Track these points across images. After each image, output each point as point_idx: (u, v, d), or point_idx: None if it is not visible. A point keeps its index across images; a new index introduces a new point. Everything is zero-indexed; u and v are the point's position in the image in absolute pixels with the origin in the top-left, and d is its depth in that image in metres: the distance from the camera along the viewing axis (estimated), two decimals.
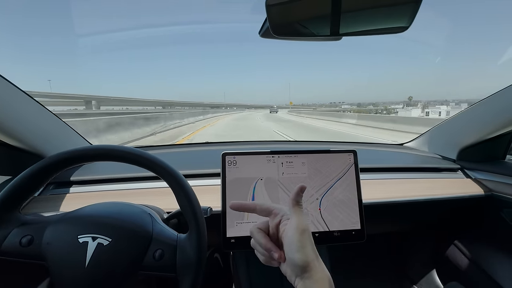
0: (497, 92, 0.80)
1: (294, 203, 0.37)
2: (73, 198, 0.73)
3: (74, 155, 0.45)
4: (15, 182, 0.44)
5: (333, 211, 0.62)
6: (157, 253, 0.43)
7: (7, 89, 0.67)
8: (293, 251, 0.34)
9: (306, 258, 0.34)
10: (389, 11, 0.51)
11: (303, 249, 0.34)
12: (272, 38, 0.55)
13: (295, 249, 0.34)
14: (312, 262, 0.34)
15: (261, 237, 0.38)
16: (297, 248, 0.34)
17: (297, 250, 0.34)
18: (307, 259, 0.34)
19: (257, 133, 9.95)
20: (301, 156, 0.63)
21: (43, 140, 0.79)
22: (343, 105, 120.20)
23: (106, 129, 6.03)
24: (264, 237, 0.38)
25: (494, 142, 0.89)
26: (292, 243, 0.34)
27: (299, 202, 0.37)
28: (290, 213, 0.37)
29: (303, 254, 0.34)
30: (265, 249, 0.37)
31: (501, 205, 0.83)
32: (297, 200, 0.37)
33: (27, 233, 0.43)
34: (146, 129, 8.14)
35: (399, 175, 0.91)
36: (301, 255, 0.34)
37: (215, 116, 23.68)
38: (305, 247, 0.34)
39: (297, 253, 0.34)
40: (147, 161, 0.45)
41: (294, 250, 0.34)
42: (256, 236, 0.38)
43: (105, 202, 0.52)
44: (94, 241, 0.42)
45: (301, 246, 0.34)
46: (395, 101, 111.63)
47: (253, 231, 0.39)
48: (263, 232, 0.38)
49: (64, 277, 0.42)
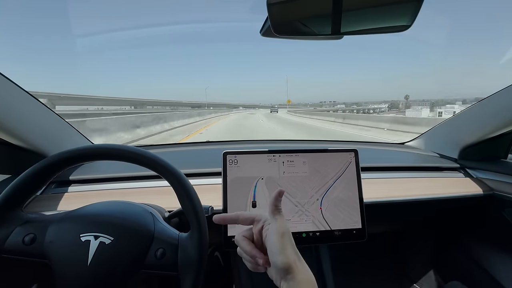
0: (499, 91, 0.80)
1: (273, 208, 0.38)
2: (75, 197, 0.73)
3: (76, 154, 0.45)
4: (17, 181, 0.44)
5: (334, 210, 0.62)
6: (158, 252, 0.44)
7: (9, 88, 0.67)
8: (275, 254, 0.35)
9: (287, 260, 0.35)
10: (390, 9, 0.51)
11: (284, 251, 0.35)
12: (273, 37, 0.55)
13: (276, 252, 0.35)
14: (293, 263, 0.35)
15: (246, 244, 0.39)
16: (279, 251, 0.35)
17: (279, 253, 0.35)
18: (288, 261, 0.35)
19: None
20: (302, 155, 0.63)
21: (45, 139, 0.80)
22: (337, 104, 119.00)
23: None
24: (249, 244, 0.39)
25: (496, 141, 0.89)
26: (274, 246, 0.36)
27: (277, 206, 0.39)
28: (270, 218, 0.38)
29: (284, 256, 0.35)
30: (250, 256, 0.38)
31: (502, 205, 0.82)
32: (276, 204, 0.39)
33: (30, 231, 0.44)
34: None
35: (400, 174, 0.91)
36: (282, 258, 0.35)
37: (203, 119, 17.52)
38: (286, 249, 0.35)
39: (279, 256, 0.35)
40: (148, 160, 0.46)
41: (275, 253, 0.35)
42: (241, 244, 0.39)
43: (107, 201, 0.52)
44: (96, 239, 0.43)
45: (282, 248, 0.35)
46: (381, 100, 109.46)
47: (238, 240, 0.40)
48: (247, 240, 0.39)
49: (66, 275, 0.42)
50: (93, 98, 43.73)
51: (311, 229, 0.61)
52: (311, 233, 0.60)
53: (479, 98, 0.92)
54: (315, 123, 15.81)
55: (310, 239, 0.60)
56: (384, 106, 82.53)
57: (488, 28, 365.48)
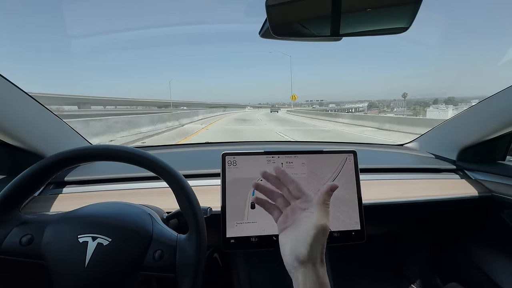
0: (497, 93, 0.80)
1: (321, 201, 0.37)
2: (73, 197, 0.73)
3: (74, 154, 0.45)
4: (15, 181, 0.44)
5: (333, 212, 0.62)
6: (157, 254, 0.43)
7: (7, 88, 0.67)
8: (303, 244, 0.34)
9: (312, 254, 0.33)
10: (389, 11, 0.51)
11: (312, 247, 0.33)
12: (272, 38, 0.55)
13: (305, 244, 0.34)
14: (316, 260, 0.33)
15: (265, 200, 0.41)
16: (309, 243, 0.33)
17: (307, 245, 0.33)
18: (312, 256, 0.33)
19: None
20: (301, 157, 0.63)
21: (42, 139, 0.79)
22: (327, 104, 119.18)
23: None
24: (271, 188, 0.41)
25: (494, 143, 0.89)
26: (306, 236, 0.34)
27: (326, 200, 0.37)
28: (314, 208, 0.37)
29: (310, 250, 0.33)
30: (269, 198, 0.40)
31: (501, 206, 0.82)
32: (325, 198, 0.37)
33: (27, 232, 0.43)
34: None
35: (399, 175, 0.91)
36: (307, 251, 0.33)
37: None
38: (315, 246, 0.34)
39: (305, 248, 0.33)
40: (147, 161, 0.45)
41: (303, 243, 0.34)
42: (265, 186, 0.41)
43: (105, 202, 0.52)
44: (94, 241, 0.42)
45: (312, 243, 0.34)
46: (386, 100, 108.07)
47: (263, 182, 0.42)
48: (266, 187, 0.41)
49: (63, 276, 0.42)
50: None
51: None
52: None
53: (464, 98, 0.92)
54: (304, 120, 17.48)
55: None
56: (363, 106, 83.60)
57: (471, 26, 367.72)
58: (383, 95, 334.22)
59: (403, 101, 57.36)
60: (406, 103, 57.54)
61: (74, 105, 38.92)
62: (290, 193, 0.40)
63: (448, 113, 21.22)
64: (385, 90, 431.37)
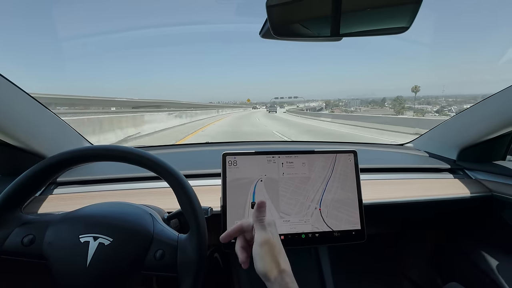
0: (497, 92, 0.80)
1: (254, 220, 0.41)
2: (74, 198, 0.73)
3: (75, 155, 0.45)
4: (17, 182, 0.44)
5: (333, 211, 0.62)
6: (158, 253, 0.44)
7: (8, 89, 0.67)
8: (255, 261, 0.39)
9: (264, 268, 0.37)
10: (389, 11, 0.51)
11: (261, 261, 0.38)
12: (272, 38, 0.55)
13: (256, 260, 0.38)
14: (270, 272, 0.37)
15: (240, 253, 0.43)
16: (258, 259, 0.38)
17: (258, 260, 0.38)
18: (264, 269, 0.37)
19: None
20: (301, 157, 0.63)
21: (43, 139, 0.79)
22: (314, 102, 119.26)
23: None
24: (242, 253, 0.43)
25: (495, 142, 0.89)
26: (254, 253, 0.39)
27: (258, 217, 0.41)
28: (255, 229, 0.41)
29: (261, 265, 0.38)
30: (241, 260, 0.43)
31: (501, 206, 0.83)
32: (257, 215, 0.41)
33: (28, 232, 0.44)
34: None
35: (399, 175, 0.91)
36: (259, 265, 0.38)
37: None
38: (263, 258, 0.38)
39: (257, 263, 0.38)
40: (148, 161, 0.46)
41: (255, 260, 0.39)
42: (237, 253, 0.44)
43: (106, 202, 0.52)
44: (95, 241, 0.43)
45: (260, 258, 0.38)
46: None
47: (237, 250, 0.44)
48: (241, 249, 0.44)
49: (65, 276, 0.42)
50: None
51: (311, 230, 0.61)
52: (310, 234, 0.60)
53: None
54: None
55: (310, 240, 0.60)
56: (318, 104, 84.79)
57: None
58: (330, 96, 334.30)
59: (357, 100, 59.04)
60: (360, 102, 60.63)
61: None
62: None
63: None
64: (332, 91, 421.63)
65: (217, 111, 28.67)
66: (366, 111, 44.82)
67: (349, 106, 77.28)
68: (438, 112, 39.19)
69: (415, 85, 65.79)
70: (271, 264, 0.37)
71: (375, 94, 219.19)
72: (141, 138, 7.99)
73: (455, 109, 33.00)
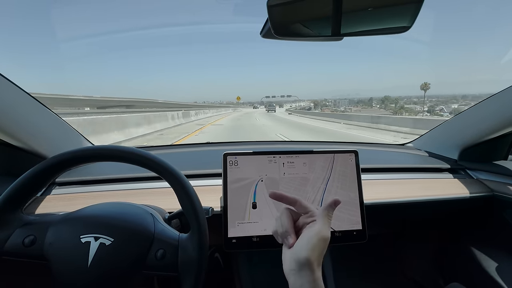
0: (499, 92, 0.80)
1: (325, 213, 0.40)
2: (75, 198, 0.73)
3: (77, 155, 0.45)
4: (18, 183, 0.44)
5: (335, 212, 0.62)
6: (159, 253, 0.44)
7: (8, 89, 0.67)
8: (304, 249, 0.36)
9: (310, 260, 0.35)
10: (390, 11, 0.51)
11: (312, 252, 0.36)
12: (273, 38, 0.55)
13: (306, 248, 0.36)
14: (311, 265, 0.36)
15: (288, 221, 0.40)
16: (310, 248, 0.36)
17: (308, 249, 0.36)
18: (310, 259, 0.35)
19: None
20: (302, 157, 0.63)
21: (44, 140, 0.79)
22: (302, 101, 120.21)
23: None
24: (290, 221, 0.41)
25: (496, 142, 0.89)
26: (307, 241, 0.37)
27: (329, 213, 0.40)
28: (318, 219, 0.40)
29: (310, 254, 0.36)
30: (285, 230, 0.40)
31: (503, 206, 0.82)
32: (328, 210, 0.40)
33: (29, 233, 0.44)
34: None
35: (400, 175, 0.91)
36: (308, 253, 0.36)
37: None
38: (315, 250, 0.36)
39: (306, 252, 0.36)
40: (149, 161, 0.46)
41: (305, 248, 0.36)
42: (284, 218, 0.41)
43: (107, 202, 0.52)
44: (96, 241, 0.43)
45: (312, 248, 0.36)
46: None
47: (284, 213, 0.41)
48: (291, 217, 0.41)
49: (66, 277, 0.42)
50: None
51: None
52: None
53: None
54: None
55: None
56: (307, 104, 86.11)
57: None
58: (316, 96, 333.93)
59: (345, 100, 59.94)
60: (348, 102, 61.46)
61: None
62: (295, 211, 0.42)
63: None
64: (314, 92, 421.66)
65: (201, 112, 21.20)
66: (357, 111, 44.97)
67: (338, 106, 78.03)
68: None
69: (424, 82, 64.55)
70: (317, 260, 0.37)
71: (360, 94, 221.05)
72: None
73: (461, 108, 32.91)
